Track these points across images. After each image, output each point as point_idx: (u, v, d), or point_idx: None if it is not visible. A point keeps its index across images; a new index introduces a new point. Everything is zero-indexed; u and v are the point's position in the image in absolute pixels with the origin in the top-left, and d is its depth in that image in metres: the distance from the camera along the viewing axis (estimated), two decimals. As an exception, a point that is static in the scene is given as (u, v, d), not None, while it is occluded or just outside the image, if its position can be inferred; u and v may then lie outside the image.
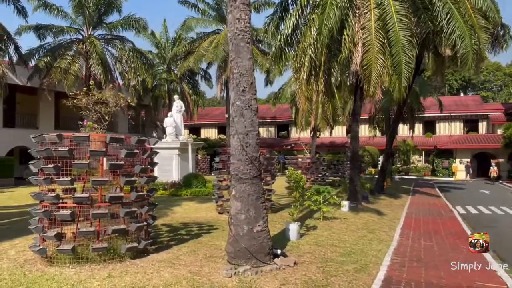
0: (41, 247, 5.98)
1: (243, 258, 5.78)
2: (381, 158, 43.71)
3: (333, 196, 10.86)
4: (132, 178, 6.22)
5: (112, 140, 6.06)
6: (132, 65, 27.84)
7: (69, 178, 5.84)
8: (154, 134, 38.37)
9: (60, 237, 5.84)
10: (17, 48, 23.28)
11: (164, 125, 20.99)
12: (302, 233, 8.57)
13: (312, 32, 14.13)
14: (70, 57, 26.03)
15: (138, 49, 29.54)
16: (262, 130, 49.72)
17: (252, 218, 5.90)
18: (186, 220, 10.85)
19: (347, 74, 15.01)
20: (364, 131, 42.99)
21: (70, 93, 9.35)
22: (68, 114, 30.87)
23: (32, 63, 26.49)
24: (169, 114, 21.15)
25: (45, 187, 6.29)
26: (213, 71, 50.50)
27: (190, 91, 36.43)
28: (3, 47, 22.50)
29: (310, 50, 14.34)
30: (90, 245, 5.90)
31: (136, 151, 6.37)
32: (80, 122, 7.51)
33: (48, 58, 25.60)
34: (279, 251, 6.42)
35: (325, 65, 14.59)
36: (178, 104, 21.64)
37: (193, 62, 32.27)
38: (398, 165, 41.94)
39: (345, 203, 12.59)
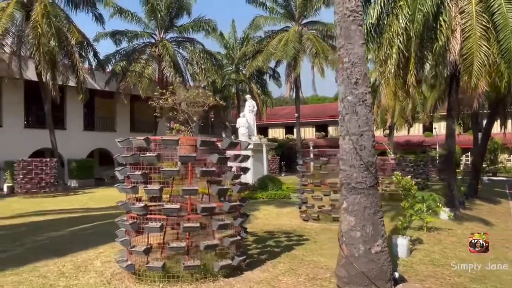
0: (129, 263, 5.43)
1: (359, 285, 4.80)
2: (463, 158, 40.35)
3: (439, 205, 9.49)
4: (225, 187, 5.47)
5: (203, 144, 5.37)
6: (203, 67, 27.84)
7: (158, 187, 5.22)
8: (223, 135, 38.42)
9: (149, 252, 5.24)
10: (95, 54, 24.11)
11: (237, 126, 20.49)
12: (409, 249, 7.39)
13: (401, 21, 12.77)
14: (144, 61, 26.55)
15: (208, 51, 29.52)
16: (331, 129, 48.12)
17: (370, 236, 4.89)
18: (269, 227, 10.05)
19: (442, 65, 13.33)
20: (442, 128, 39.94)
21: (155, 94, 8.84)
22: (141, 117, 31.83)
23: (109, 68, 27.44)
24: (241, 114, 20.62)
25: (132, 196, 5.75)
26: (281, 69, 49.81)
27: (259, 91, 35.94)
28: (83, 54, 23.34)
29: (398, 40, 13.00)
30: (182, 263, 5.23)
31: (228, 155, 5.62)
32: (168, 125, 6.90)
33: (124, 62, 26.31)
34: (397, 274, 5.34)
35: (416, 56, 13.10)
36: (250, 104, 21.06)
37: (262, 61, 31.69)
38: (483, 165, 38.32)
39: (446, 210, 11.09)
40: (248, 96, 21.44)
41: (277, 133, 49.91)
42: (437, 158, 31.38)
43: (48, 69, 20.05)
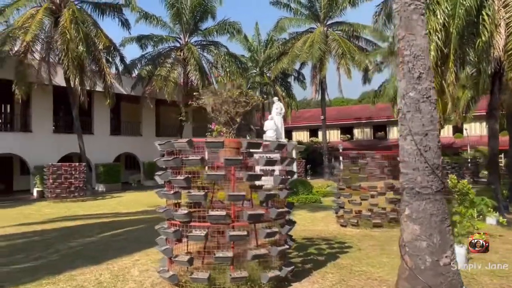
0: (171, 273, 5.10)
1: (426, 300, 4.33)
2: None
3: (490, 209, 8.87)
4: (272, 192, 5.07)
5: (249, 146, 5.01)
6: (228, 69, 27.63)
7: (202, 193, 4.88)
8: (248, 138, 38.15)
9: (192, 262, 4.89)
10: (122, 59, 24.19)
11: (264, 128, 20.12)
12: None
13: (439, 16, 12.23)
14: (169, 65, 26.51)
15: (233, 53, 29.30)
16: (356, 131, 47.21)
17: (437, 247, 4.42)
18: (307, 234, 9.61)
19: (486, 62, 12.64)
20: (474, 129, 38.59)
21: (194, 94, 8.57)
22: (166, 121, 31.85)
23: (135, 72, 27.54)
24: (269, 117, 20.24)
25: (172, 202, 5.44)
26: (306, 71, 49.06)
27: (284, 93, 35.56)
28: (110, 59, 23.44)
29: (436, 36, 12.45)
30: (228, 274, 4.86)
31: (275, 158, 5.23)
32: (210, 126, 6.54)
33: (150, 67, 26.37)
34: (464, 289, 4.84)
35: (456, 53, 12.48)
36: (278, 106, 20.67)
37: (287, 63, 31.28)
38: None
39: (496, 215, 10.41)
40: (275, 98, 21.05)
41: (301, 136, 49.30)
42: (469, 160, 30.26)
43: (77, 74, 20.16)
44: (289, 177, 5.78)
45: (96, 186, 25.12)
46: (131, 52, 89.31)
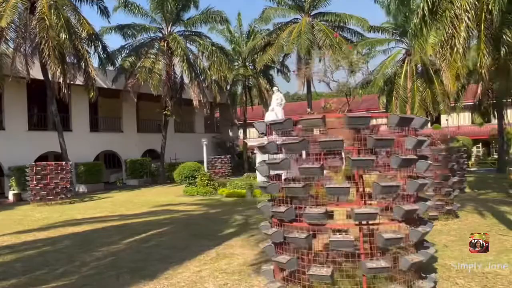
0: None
1: None
2: (474, 149, 39.65)
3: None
4: (425, 181, 4.01)
5: (401, 122, 3.90)
6: (214, 60, 26.35)
7: (345, 184, 3.79)
8: (230, 134, 36.97)
9: (333, 276, 3.77)
10: (105, 49, 22.35)
11: (265, 120, 19.08)
12: None
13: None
14: (153, 56, 24.92)
15: (218, 44, 28.04)
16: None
17: None
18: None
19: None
20: (456, 119, 38.93)
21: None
22: (148, 117, 30.16)
23: (116, 64, 25.66)
24: (270, 108, 19.28)
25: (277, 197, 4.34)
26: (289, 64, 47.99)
27: (267, 86, 34.58)
28: (92, 49, 21.58)
29: (466, 16, 11.89)
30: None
31: (424, 138, 4.17)
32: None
33: (133, 58, 24.64)
34: None
35: (487, 35, 11.93)
36: (278, 97, 19.69)
37: (273, 54, 30.33)
38: (495, 156, 37.73)
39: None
40: (275, 88, 20.04)
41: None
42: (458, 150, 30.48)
43: (58, 65, 18.27)
44: (430, 163, 4.68)
45: (77, 186, 23.20)
46: (109, 43, 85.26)
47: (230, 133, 36.89)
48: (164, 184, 25.30)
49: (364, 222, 3.88)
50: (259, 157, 18.92)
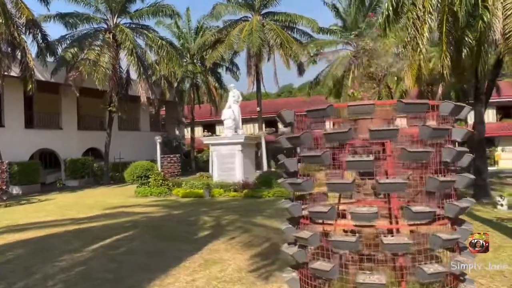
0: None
1: None
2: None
3: None
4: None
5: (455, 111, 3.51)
6: (164, 55, 25.20)
7: (402, 179, 3.37)
8: (177, 132, 35.76)
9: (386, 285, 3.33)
10: (44, 38, 20.43)
11: (222, 118, 18.52)
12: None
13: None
14: (98, 48, 23.27)
15: (167, 39, 26.92)
16: (280, 125, 47.21)
17: None
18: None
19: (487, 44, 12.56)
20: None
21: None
22: (90, 113, 28.25)
23: (53, 56, 23.61)
24: (227, 105, 18.68)
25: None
26: (239, 62, 47.03)
27: (216, 84, 33.94)
28: (31, 37, 19.62)
29: (429, 18, 12.23)
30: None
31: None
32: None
33: (75, 49, 22.80)
34: None
35: (449, 36, 12.30)
36: (235, 94, 19.18)
37: (223, 51, 29.79)
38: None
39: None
40: (232, 85, 19.46)
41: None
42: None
43: (-8, 52, 16.38)
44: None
45: (10, 188, 21.00)
46: (49, 33, 78.38)
47: (177, 132, 35.70)
48: (109, 185, 23.76)
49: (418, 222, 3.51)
50: (215, 156, 18.32)
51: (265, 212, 11.27)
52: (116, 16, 25.31)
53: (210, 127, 49.25)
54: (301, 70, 32.10)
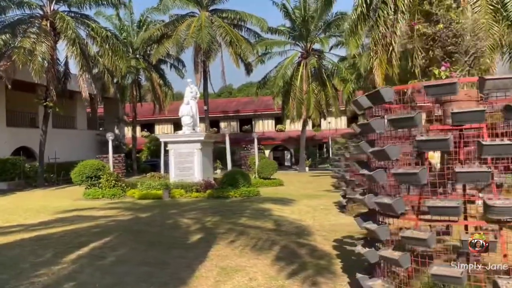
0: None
1: None
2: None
3: None
4: None
5: None
6: (107, 48, 23.39)
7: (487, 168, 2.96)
8: (117, 131, 33.63)
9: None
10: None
11: (180, 115, 17.49)
12: None
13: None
14: (34, 35, 20.95)
15: (112, 30, 25.12)
16: (223, 125, 46.52)
17: None
18: (337, 235, 8.08)
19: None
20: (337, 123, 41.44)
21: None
22: (20, 108, 25.59)
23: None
24: (185, 101, 17.67)
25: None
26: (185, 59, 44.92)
27: (160, 81, 32.44)
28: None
29: (403, 17, 12.48)
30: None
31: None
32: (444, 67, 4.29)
33: (7, 35, 20.35)
34: None
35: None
36: (193, 90, 18.25)
37: (170, 47, 28.60)
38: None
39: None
40: (189, 80, 18.41)
41: (166, 130, 46.31)
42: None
43: None
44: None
45: None
46: None
47: (117, 131, 33.57)
48: (44, 187, 21.55)
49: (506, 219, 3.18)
50: (173, 154, 17.28)
51: (244, 213, 10.63)
52: (53, 2, 23.08)
53: (149, 127, 47.26)
54: (248, 70, 31.80)
